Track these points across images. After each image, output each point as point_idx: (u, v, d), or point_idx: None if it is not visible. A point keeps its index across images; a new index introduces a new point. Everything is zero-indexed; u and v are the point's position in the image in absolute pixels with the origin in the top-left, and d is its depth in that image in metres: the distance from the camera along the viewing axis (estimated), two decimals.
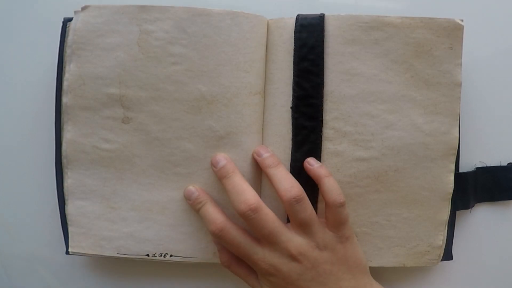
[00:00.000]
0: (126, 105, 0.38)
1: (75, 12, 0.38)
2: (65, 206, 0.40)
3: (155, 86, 0.37)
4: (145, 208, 0.39)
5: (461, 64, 0.38)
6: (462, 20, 0.37)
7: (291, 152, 0.39)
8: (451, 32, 0.37)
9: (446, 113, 0.38)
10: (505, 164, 0.43)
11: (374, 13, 0.37)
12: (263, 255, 0.36)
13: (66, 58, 0.39)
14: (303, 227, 0.36)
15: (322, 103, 0.38)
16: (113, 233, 0.40)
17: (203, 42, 0.37)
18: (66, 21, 0.40)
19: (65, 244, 0.41)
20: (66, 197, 0.40)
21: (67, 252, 0.40)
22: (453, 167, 0.39)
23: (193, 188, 0.38)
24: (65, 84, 0.39)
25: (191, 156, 0.38)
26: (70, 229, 0.40)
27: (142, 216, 0.39)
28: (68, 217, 0.40)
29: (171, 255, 0.39)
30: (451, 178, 0.39)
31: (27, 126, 0.43)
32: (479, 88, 0.43)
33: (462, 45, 0.38)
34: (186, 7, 0.37)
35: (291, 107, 0.38)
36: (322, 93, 0.38)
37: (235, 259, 0.38)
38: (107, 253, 0.40)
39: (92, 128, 0.38)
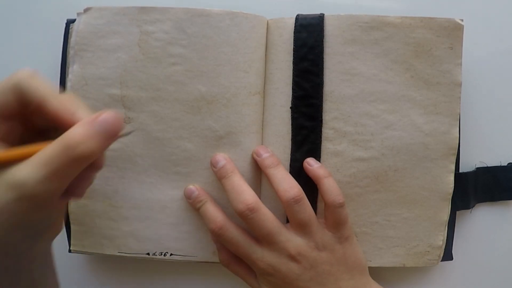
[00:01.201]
0: (128, 105, 0.37)
1: (78, 14, 0.38)
2: (68, 204, 0.39)
3: (155, 87, 0.37)
4: (146, 207, 0.39)
5: (461, 64, 0.37)
6: (462, 20, 0.36)
7: (291, 152, 0.38)
8: (451, 32, 0.36)
9: (446, 113, 0.37)
10: (505, 164, 0.42)
11: (374, 13, 0.36)
12: (262, 255, 0.35)
13: (69, 59, 0.38)
14: (302, 228, 0.35)
15: (322, 103, 0.37)
16: (114, 231, 0.39)
17: (202, 43, 0.36)
18: (69, 23, 0.40)
19: (68, 243, 0.40)
20: None
21: (70, 251, 0.40)
22: (453, 167, 0.38)
23: (193, 187, 0.37)
24: (68, 84, 0.38)
25: (191, 155, 0.37)
26: (72, 227, 0.39)
27: (143, 215, 0.39)
28: (71, 216, 0.39)
29: (171, 254, 0.39)
30: (451, 178, 0.38)
31: None
32: (479, 88, 0.41)
33: (462, 45, 0.36)
34: (185, 8, 0.36)
35: (290, 107, 0.37)
36: (322, 93, 0.37)
37: (234, 258, 0.37)
38: (108, 251, 0.39)
39: None
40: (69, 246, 0.40)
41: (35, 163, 0.24)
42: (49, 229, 0.28)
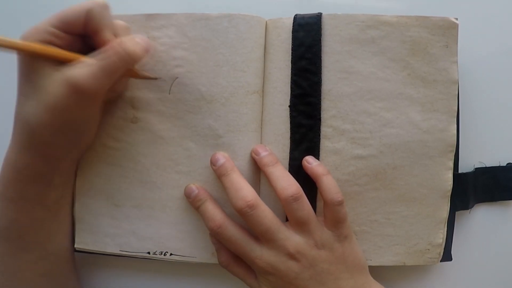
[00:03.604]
0: (136, 106, 0.37)
1: None
2: (74, 203, 0.38)
3: (161, 88, 0.36)
4: (147, 206, 0.37)
5: (457, 62, 0.35)
6: (456, 19, 0.35)
7: (290, 151, 0.36)
8: (446, 31, 0.35)
9: (443, 110, 0.35)
10: (504, 164, 0.40)
11: (373, 13, 0.35)
12: (261, 253, 0.33)
13: None
14: (301, 226, 0.33)
15: (320, 102, 0.35)
16: (116, 229, 0.38)
17: (202, 45, 0.35)
18: None
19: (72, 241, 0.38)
20: (74, 195, 0.38)
21: (74, 249, 0.38)
22: (451, 164, 0.36)
23: (194, 186, 0.36)
24: None
25: (192, 154, 0.36)
26: (76, 226, 0.38)
27: (144, 214, 0.37)
28: (75, 215, 0.38)
29: (171, 254, 0.37)
30: (450, 175, 0.36)
31: None
32: (479, 88, 0.39)
33: (457, 43, 0.35)
34: (187, 13, 0.36)
35: (289, 106, 0.36)
36: (320, 91, 0.35)
37: (234, 259, 0.35)
38: (110, 249, 0.38)
39: (104, 128, 0.37)
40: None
41: (90, 62, 0.29)
42: (84, 135, 0.34)
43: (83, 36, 0.31)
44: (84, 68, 0.29)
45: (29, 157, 0.31)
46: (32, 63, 0.29)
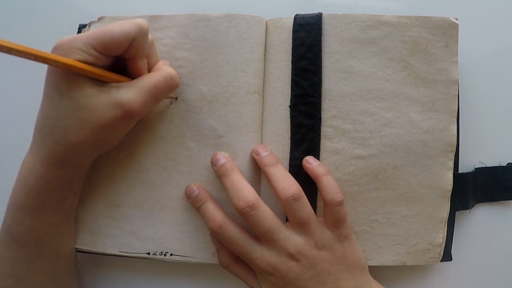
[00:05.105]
0: None
1: (91, 22, 0.37)
2: None
3: None
4: (147, 206, 0.37)
5: (457, 62, 0.35)
6: (456, 19, 0.34)
7: (290, 151, 0.35)
8: (446, 31, 0.34)
9: (443, 110, 0.35)
10: (505, 164, 0.39)
11: (373, 13, 0.35)
12: (261, 254, 0.32)
13: None
14: (301, 226, 0.33)
15: (320, 102, 0.35)
16: (116, 230, 0.37)
17: (203, 46, 0.35)
18: (81, 27, 0.40)
19: None
20: None
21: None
22: (451, 164, 0.36)
23: (194, 186, 0.35)
24: None
25: (192, 154, 0.36)
26: (77, 226, 0.38)
27: (144, 214, 0.37)
28: (76, 215, 0.37)
29: (171, 254, 0.37)
30: (450, 175, 0.36)
31: None
32: (479, 88, 0.39)
33: (457, 43, 0.35)
34: (188, 14, 0.35)
35: (289, 106, 0.35)
36: (320, 91, 0.35)
37: (234, 260, 0.35)
38: (110, 250, 0.37)
39: None
40: None
41: (141, 87, 0.30)
42: (112, 145, 0.33)
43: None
44: (133, 91, 0.29)
45: (60, 169, 0.31)
46: (74, 80, 0.29)
